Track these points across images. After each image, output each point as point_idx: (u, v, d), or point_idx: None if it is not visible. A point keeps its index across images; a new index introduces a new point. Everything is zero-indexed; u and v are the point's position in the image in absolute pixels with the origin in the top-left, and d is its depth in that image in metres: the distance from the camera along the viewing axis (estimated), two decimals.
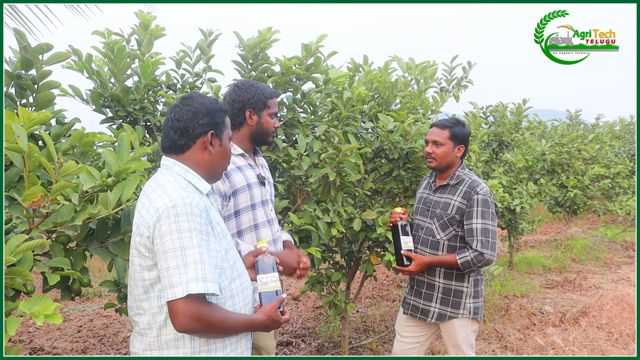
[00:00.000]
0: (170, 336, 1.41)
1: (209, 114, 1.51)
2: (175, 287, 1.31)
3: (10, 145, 1.38)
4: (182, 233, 1.34)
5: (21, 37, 1.82)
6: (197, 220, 1.37)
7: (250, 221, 2.01)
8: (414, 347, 2.58)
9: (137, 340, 1.47)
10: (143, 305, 1.43)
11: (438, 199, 2.48)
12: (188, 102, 1.52)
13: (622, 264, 6.50)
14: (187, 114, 1.50)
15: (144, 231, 1.38)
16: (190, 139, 1.50)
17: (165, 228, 1.34)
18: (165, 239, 1.34)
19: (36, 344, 3.94)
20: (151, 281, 1.40)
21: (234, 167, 1.99)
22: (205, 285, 1.32)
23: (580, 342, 3.80)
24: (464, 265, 2.34)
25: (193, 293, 1.31)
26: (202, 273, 1.33)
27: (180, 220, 1.34)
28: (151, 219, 1.37)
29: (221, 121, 1.54)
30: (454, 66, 4.09)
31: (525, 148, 6.82)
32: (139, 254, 1.41)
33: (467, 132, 2.46)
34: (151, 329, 1.42)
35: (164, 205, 1.36)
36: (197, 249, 1.34)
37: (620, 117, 12.52)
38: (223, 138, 1.55)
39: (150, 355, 1.43)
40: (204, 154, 1.52)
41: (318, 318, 4.54)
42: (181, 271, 1.32)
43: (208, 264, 1.36)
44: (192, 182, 1.49)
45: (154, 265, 1.39)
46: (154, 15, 2.72)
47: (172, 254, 1.33)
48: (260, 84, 2.07)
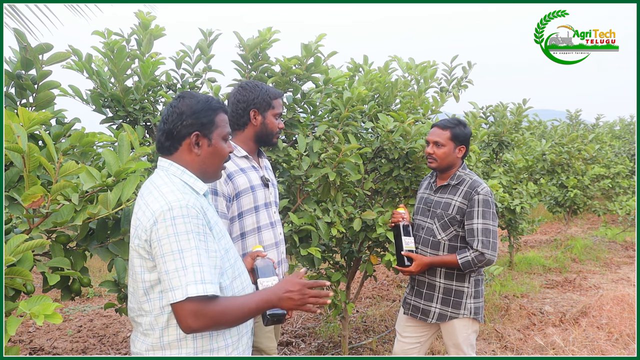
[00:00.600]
0: (172, 337, 1.41)
1: (194, 114, 1.47)
2: (176, 290, 1.32)
3: (10, 145, 1.38)
4: (179, 236, 1.34)
5: (21, 37, 1.83)
6: (194, 221, 1.36)
7: (253, 223, 2.01)
8: (415, 347, 2.58)
9: (140, 340, 1.47)
10: (144, 307, 1.43)
11: (439, 199, 2.48)
12: (175, 103, 1.50)
13: (622, 264, 6.50)
14: (172, 115, 1.48)
15: (141, 234, 1.38)
16: (176, 140, 1.48)
17: (163, 231, 1.34)
18: (162, 242, 1.34)
19: (36, 344, 3.94)
20: (151, 283, 1.40)
21: (237, 169, 1.98)
22: (204, 287, 1.33)
23: (580, 342, 3.80)
24: (464, 265, 2.34)
25: (192, 296, 1.31)
26: (201, 275, 1.33)
27: (177, 222, 1.34)
28: (148, 222, 1.36)
29: (207, 121, 1.49)
30: (454, 66, 4.09)
31: (525, 148, 6.83)
32: (139, 255, 1.41)
33: (468, 133, 2.46)
34: (154, 330, 1.42)
35: (160, 208, 1.36)
36: (195, 250, 1.34)
37: (620, 117, 12.53)
38: (212, 138, 1.50)
39: (153, 355, 1.43)
40: (192, 155, 1.50)
41: (318, 318, 4.54)
42: (180, 274, 1.32)
43: (207, 266, 1.35)
44: (188, 183, 1.47)
45: (154, 267, 1.39)
46: (153, 15, 2.72)
47: (170, 257, 1.33)
48: (265, 85, 2.07)
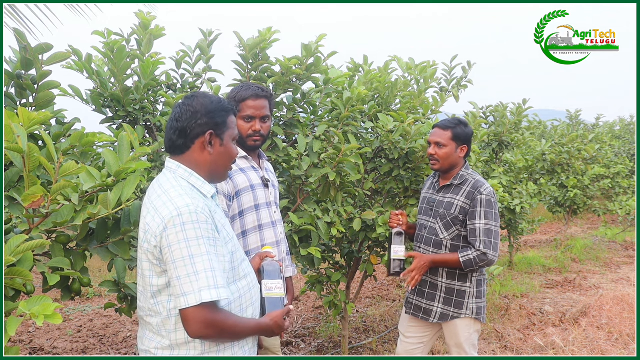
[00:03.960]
0: (181, 340, 1.42)
1: (209, 114, 1.49)
2: (188, 295, 1.32)
3: (10, 145, 1.38)
4: (189, 242, 1.34)
5: (21, 37, 1.82)
6: (204, 227, 1.37)
7: (254, 221, 2.01)
8: (418, 347, 2.59)
9: (148, 338, 1.48)
10: (153, 309, 1.45)
11: (441, 199, 2.48)
12: (188, 101, 1.51)
13: (622, 264, 6.50)
14: (186, 113, 1.49)
15: (151, 240, 1.38)
16: (189, 139, 1.49)
17: (173, 237, 1.34)
18: (173, 249, 1.34)
19: (36, 344, 3.94)
20: (159, 287, 1.41)
21: (237, 168, 1.99)
22: (217, 292, 1.34)
23: (580, 342, 3.80)
24: (466, 264, 2.34)
25: (207, 301, 1.32)
26: (214, 280, 1.34)
27: (187, 228, 1.34)
28: (157, 228, 1.37)
29: (221, 121, 1.51)
30: (454, 66, 4.09)
31: (525, 148, 6.82)
32: (148, 260, 1.42)
33: (469, 132, 2.46)
34: (163, 331, 1.44)
35: (169, 214, 1.36)
36: (207, 256, 1.35)
37: (620, 117, 12.52)
38: (224, 138, 1.52)
39: (162, 353, 1.44)
40: (204, 154, 1.50)
41: (318, 318, 4.54)
42: (192, 279, 1.32)
43: (218, 270, 1.36)
44: (195, 186, 1.47)
45: (163, 272, 1.39)
46: (153, 15, 2.72)
47: (181, 263, 1.33)
48: (234, 89, 2.08)
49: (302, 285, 3.86)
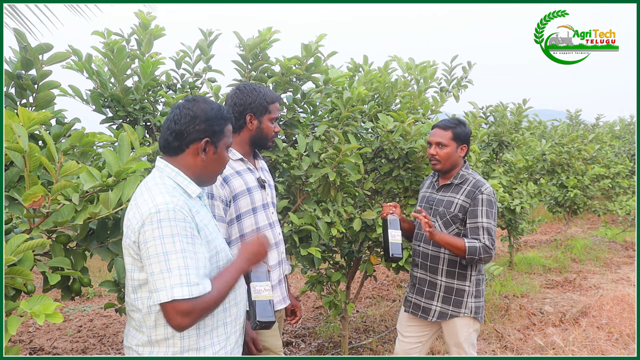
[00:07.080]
0: (160, 336, 1.45)
1: (207, 120, 1.49)
2: (160, 291, 1.34)
3: (10, 145, 1.38)
4: (164, 239, 1.35)
5: (21, 37, 1.83)
6: (181, 224, 1.38)
7: (252, 225, 2.00)
8: (416, 347, 2.59)
9: (131, 335, 1.51)
10: (134, 304, 1.47)
11: (441, 197, 2.48)
12: (189, 105, 1.51)
13: (622, 264, 6.50)
14: (185, 117, 1.48)
15: (131, 235, 1.41)
16: (184, 142, 1.49)
17: (149, 234, 1.36)
18: (149, 245, 1.36)
19: (36, 344, 3.94)
20: (140, 282, 1.43)
21: (233, 172, 1.96)
22: (189, 289, 1.35)
23: (580, 342, 3.80)
24: (470, 250, 2.29)
25: (178, 298, 1.33)
26: (187, 278, 1.35)
27: (163, 225, 1.36)
28: (137, 224, 1.39)
29: (219, 129, 1.51)
30: (454, 66, 4.09)
31: (525, 148, 6.82)
32: (129, 254, 1.44)
33: (468, 132, 2.48)
34: (143, 327, 1.46)
35: (147, 211, 1.38)
36: (181, 254, 1.36)
37: (620, 117, 12.52)
38: (219, 146, 1.53)
39: (142, 350, 1.47)
40: (196, 159, 1.51)
41: (318, 318, 4.55)
42: (165, 276, 1.34)
43: (193, 268, 1.37)
44: (181, 185, 1.49)
45: (143, 267, 1.41)
46: (153, 15, 2.72)
47: (155, 260, 1.35)
48: (263, 88, 2.05)
49: (302, 285, 3.86)
